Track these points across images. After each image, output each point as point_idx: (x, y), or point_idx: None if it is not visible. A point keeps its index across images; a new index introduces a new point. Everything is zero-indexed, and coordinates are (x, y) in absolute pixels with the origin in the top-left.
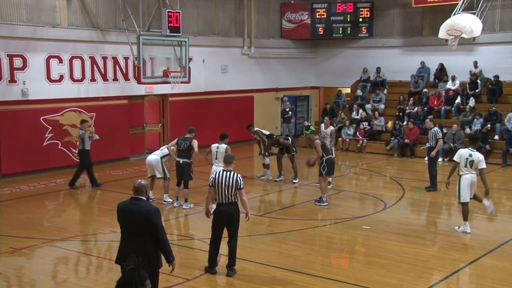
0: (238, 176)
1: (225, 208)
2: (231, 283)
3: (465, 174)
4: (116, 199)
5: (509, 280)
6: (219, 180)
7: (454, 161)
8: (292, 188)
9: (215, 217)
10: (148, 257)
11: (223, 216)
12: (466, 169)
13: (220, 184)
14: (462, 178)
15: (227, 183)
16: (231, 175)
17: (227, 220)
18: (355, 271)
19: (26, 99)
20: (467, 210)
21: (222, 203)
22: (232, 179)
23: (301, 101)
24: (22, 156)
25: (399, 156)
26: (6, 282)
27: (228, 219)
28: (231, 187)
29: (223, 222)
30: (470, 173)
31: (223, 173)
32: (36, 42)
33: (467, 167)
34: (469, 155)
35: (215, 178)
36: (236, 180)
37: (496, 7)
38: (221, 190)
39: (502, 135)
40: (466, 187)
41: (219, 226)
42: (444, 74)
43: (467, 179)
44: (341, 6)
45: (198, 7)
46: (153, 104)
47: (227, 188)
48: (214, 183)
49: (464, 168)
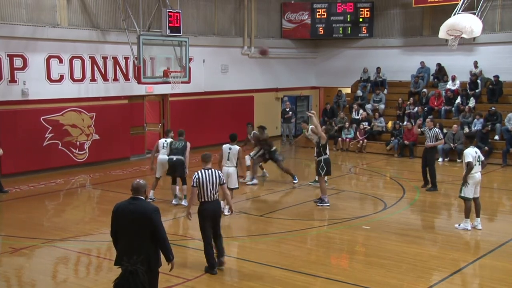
0: (218, 172)
1: (210, 206)
2: (231, 283)
3: (475, 173)
4: (116, 199)
5: (509, 280)
6: (203, 180)
7: (469, 162)
8: (292, 188)
9: (201, 217)
10: (148, 256)
11: (209, 214)
12: (476, 168)
13: (204, 183)
14: (471, 176)
15: (211, 180)
16: (212, 172)
17: (212, 218)
18: (355, 271)
19: (26, 99)
20: (469, 207)
21: (207, 201)
22: (215, 176)
23: (301, 101)
24: (22, 156)
25: (399, 156)
26: (6, 282)
27: (214, 217)
28: (215, 184)
29: (209, 220)
30: (478, 171)
31: (205, 171)
32: (36, 42)
33: (476, 165)
34: (475, 153)
35: (198, 178)
36: (218, 176)
37: (496, 7)
38: (206, 188)
39: (502, 135)
40: (473, 185)
41: (207, 225)
42: (444, 74)
43: (476, 177)
44: (341, 6)
45: (198, 7)
46: (153, 104)
47: (211, 185)
48: (199, 184)
49: (474, 166)
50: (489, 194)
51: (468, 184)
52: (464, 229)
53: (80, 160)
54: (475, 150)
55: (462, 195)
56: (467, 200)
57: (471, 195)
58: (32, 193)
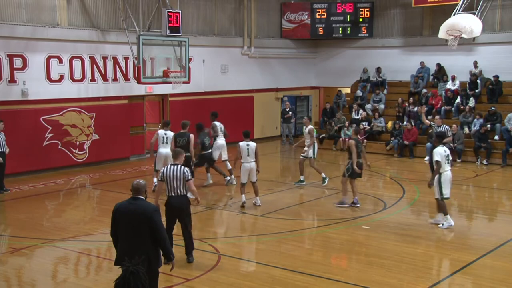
0: (185, 168)
1: (175, 200)
2: (231, 283)
3: (446, 171)
4: (116, 199)
5: (509, 280)
6: (167, 174)
7: (438, 161)
8: (292, 188)
9: (166, 209)
10: (148, 256)
11: (174, 208)
12: (446, 166)
13: (169, 177)
14: (443, 175)
15: (175, 175)
16: (179, 168)
17: (177, 212)
18: (355, 271)
19: (26, 99)
20: (445, 204)
21: (172, 196)
22: (180, 172)
23: (301, 101)
24: (22, 156)
25: (399, 156)
26: (6, 282)
27: (179, 210)
28: (179, 179)
29: (173, 214)
30: (449, 169)
31: (171, 167)
32: (36, 42)
33: (446, 164)
34: (444, 151)
35: (163, 172)
36: (183, 172)
37: (496, 7)
38: (171, 183)
39: (502, 135)
40: (448, 183)
41: (170, 217)
42: (443, 74)
43: (448, 175)
44: (341, 6)
45: (198, 7)
46: (153, 104)
47: (176, 180)
48: (163, 177)
49: (444, 165)
50: (489, 194)
51: (443, 184)
52: (449, 226)
53: (80, 160)
54: (444, 149)
55: (444, 196)
56: (445, 200)
57: (448, 194)
58: (32, 193)
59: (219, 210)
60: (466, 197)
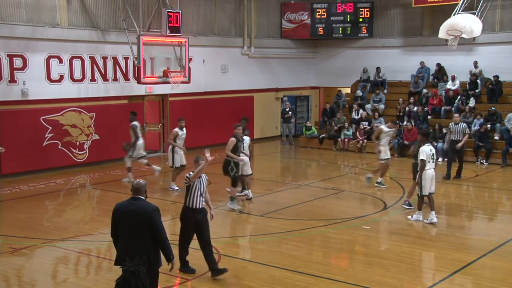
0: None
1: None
2: (231, 283)
3: (428, 169)
4: (116, 199)
5: (509, 280)
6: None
7: (423, 160)
8: (292, 188)
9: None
10: (148, 256)
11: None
12: (429, 164)
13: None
14: (425, 173)
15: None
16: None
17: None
18: (355, 271)
19: (26, 99)
20: (422, 202)
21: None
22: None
23: (301, 101)
24: (22, 156)
25: (399, 156)
26: (6, 282)
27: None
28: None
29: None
30: (432, 168)
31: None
32: (36, 42)
33: (430, 162)
34: (430, 150)
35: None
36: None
37: (496, 7)
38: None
39: (502, 135)
40: (429, 181)
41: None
42: (443, 74)
43: (430, 173)
44: (341, 6)
45: (198, 7)
46: (153, 104)
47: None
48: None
49: (427, 163)
50: (489, 194)
51: (423, 182)
52: (417, 220)
53: (80, 160)
54: (430, 148)
55: (423, 194)
56: (425, 196)
57: (427, 192)
58: (32, 193)
59: (219, 210)
60: (466, 197)
